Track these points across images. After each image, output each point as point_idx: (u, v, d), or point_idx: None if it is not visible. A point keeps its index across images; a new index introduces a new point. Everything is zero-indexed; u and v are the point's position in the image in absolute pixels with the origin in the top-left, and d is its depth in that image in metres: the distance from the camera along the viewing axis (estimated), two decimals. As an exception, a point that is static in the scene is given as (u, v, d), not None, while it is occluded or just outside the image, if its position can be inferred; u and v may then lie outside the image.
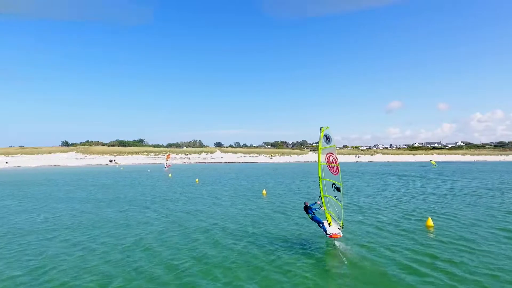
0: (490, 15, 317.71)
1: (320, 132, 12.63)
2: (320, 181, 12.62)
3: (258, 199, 26.75)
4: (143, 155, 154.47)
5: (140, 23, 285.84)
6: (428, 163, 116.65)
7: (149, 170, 71.77)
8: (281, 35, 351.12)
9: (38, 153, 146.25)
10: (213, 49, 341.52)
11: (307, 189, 33.17)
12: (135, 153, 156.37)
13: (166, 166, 74.70)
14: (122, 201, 25.96)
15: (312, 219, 13.04)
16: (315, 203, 13.21)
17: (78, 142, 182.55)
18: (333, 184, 12.68)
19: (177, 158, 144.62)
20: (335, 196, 12.68)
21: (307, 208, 13.03)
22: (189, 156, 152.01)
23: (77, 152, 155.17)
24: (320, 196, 12.70)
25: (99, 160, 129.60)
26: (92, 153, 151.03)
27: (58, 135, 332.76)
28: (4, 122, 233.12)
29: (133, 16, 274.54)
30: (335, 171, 12.68)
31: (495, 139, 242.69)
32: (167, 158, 76.33)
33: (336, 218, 12.77)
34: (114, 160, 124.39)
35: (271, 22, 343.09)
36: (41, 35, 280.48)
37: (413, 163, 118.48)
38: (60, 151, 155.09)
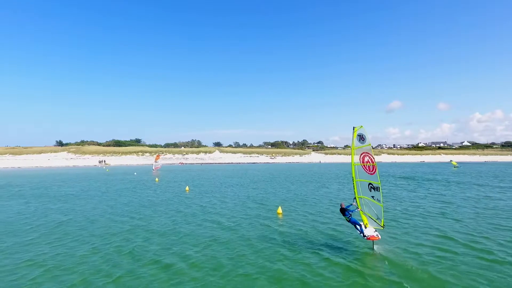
0: (490, 16, 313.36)
1: (353, 131, 12.12)
2: (354, 182, 12.39)
3: (275, 225, 17.61)
4: (137, 155, 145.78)
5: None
6: (447, 164, 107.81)
7: (135, 173, 61.72)
8: (280, 36, 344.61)
9: (27, 153, 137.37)
10: (214, 49, 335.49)
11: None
12: (130, 153, 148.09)
13: (154, 168, 65.22)
14: (64, 231, 16.70)
15: (349, 221, 12.61)
16: (351, 204, 12.81)
17: (73, 142, 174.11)
18: (370, 184, 12.02)
19: (173, 159, 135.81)
20: (373, 196, 12.01)
21: (343, 210, 12.58)
22: (186, 156, 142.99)
23: (69, 152, 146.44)
24: (355, 197, 12.50)
25: (89, 160, 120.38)
26: (84, 153, 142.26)
27: (57, 135, 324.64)
28: (5, 122, 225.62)
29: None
30: (372, 171, 11.90)
31: (495, 139, 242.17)
32: (156, 159, 66.61)
33: (374, 219, 12.14)
34: (104, 161, 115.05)
35: (271, 23, 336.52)
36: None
37: (425, 164, 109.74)
38: (52, 151, 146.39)
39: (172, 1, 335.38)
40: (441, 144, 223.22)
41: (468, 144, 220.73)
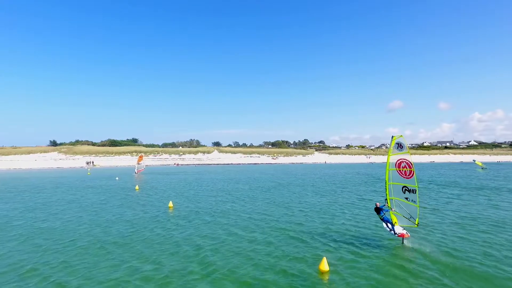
0: (491, 16, 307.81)
1: (392, 140, 13.30)
2: (387, 185, 13.46)
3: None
4: (131, 155, 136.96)
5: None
6: (466, 165, 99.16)
7: (117, 178, 51.71)
8: (280, 36, 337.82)
9: (16, 154, 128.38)
10: (214, 49, 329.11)
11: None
12: (123, 153, 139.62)
13: (136, 171, 56.32)
14: None
15: (382, 219, 13.37)
16: (384, 205, 13.55)
17: (68, 141, 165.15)
18: (404, 186, 13.07)
19: (169, 159, 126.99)
20: (407, 198, 12.99)
21: (378, 209, 13.34)
22: (183, 157, 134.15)
23: (60, 152, 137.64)
24: (386, 198, 13.57)
25: (77, 161, 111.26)
26: (75, 153, 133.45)
27: (55, 135, 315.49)
28: (5, 122, 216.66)
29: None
30: (408, 175, 12.93)
31: (495, 138, 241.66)
32: (139, 160, 57.24)
33: (407, 218, 13.03)
34: (92, 162, 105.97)
35: (271, 23, 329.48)
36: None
37: (438, 165, 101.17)
38: (42, 151, 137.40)
39: (172, 0, 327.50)
40: (447, 144, 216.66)
41: (475, 143, 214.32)
